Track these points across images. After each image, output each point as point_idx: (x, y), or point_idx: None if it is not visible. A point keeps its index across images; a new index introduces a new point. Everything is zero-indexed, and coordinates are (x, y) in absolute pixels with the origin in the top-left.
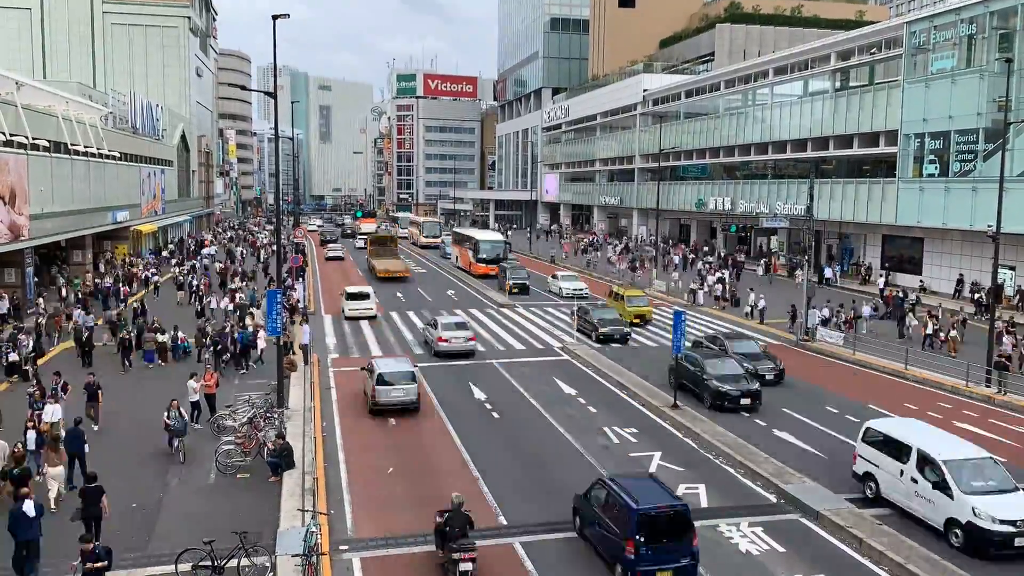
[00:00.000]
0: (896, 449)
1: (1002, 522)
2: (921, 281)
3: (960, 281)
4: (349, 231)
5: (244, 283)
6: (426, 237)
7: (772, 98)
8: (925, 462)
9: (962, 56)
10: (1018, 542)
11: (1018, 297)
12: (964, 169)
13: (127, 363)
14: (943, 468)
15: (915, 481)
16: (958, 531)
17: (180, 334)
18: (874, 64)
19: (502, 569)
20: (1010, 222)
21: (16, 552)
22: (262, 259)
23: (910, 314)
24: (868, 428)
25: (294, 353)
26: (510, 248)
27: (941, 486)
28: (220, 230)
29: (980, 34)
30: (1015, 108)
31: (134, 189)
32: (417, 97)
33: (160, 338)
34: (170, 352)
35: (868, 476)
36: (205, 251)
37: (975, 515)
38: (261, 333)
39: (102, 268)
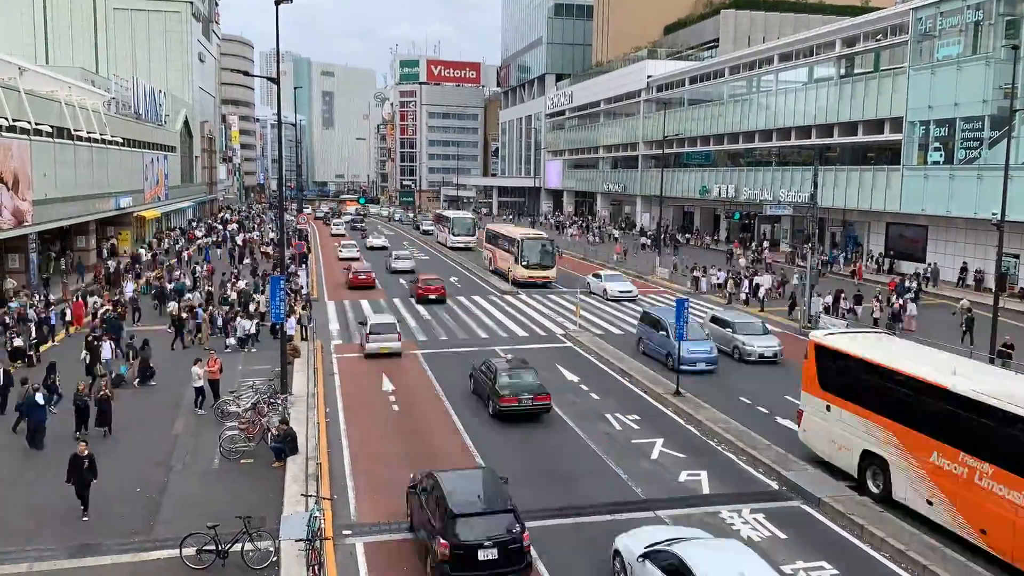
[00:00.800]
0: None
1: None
2: (919, 271)
3: (964, 269)
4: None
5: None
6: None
7: (777, 85)
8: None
9: (968, 43)
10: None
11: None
12: (969, 156)
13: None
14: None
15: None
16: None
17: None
18: (879, 51)
19: None
20: (1015, 210)
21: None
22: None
23: (912, 304)
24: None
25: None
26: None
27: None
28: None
29: (987, 20)
30: (1021, 95)
31: (137, 175)
32: (420, 83)
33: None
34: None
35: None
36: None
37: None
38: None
39: (105, 253)
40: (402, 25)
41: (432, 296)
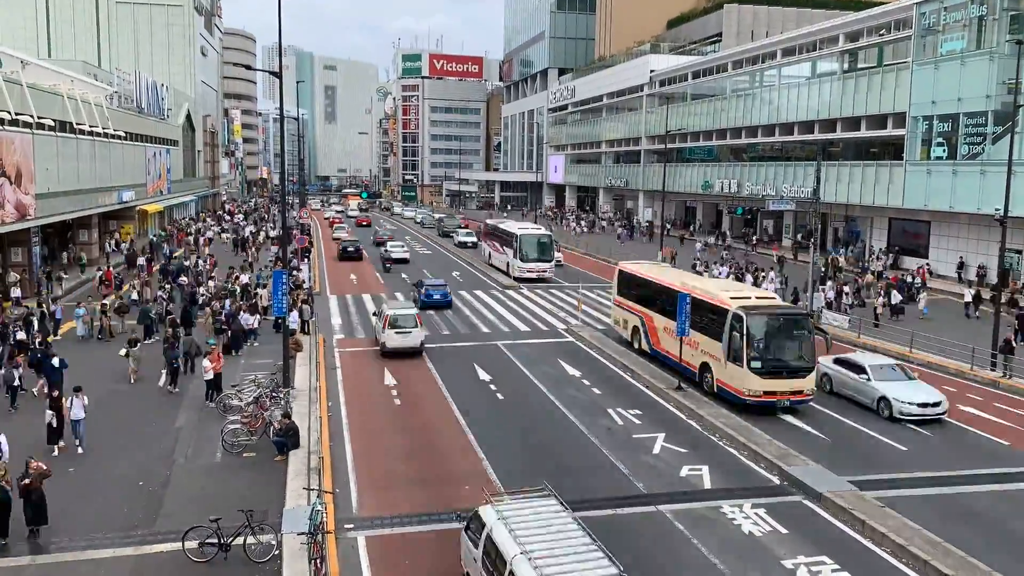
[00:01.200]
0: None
1: None
2: (923, 266)
3: (961, 265)
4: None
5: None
6: (528, 261)
7: (780, 79)
8: None
9: (972, 38)
10: None
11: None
12: (972, 152)
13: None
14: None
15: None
16: None
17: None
18: (883, 46)
19: None
20: (1018, 206)
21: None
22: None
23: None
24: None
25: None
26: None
27: None
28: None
29: (991, 15)
30: None
31: (140, 169)
32: (423, 77)
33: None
34: None
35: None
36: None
37: None
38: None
39: (108, 248)
40: (405, 19)
41: None
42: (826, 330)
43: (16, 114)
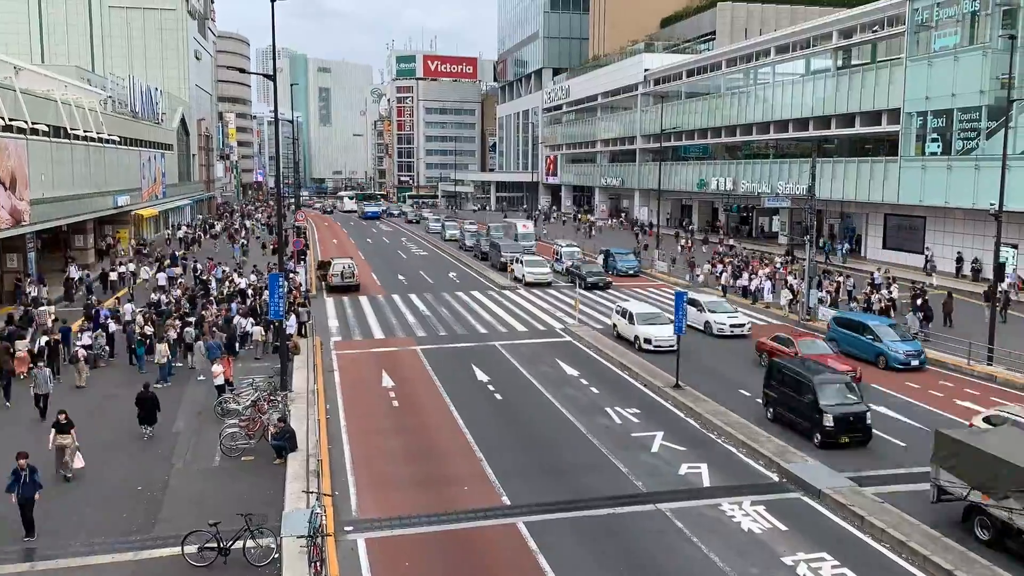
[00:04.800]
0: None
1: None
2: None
3: (960, 259)
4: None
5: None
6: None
7: (774, 77)
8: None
9: (965, 33)
10: None
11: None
12: (967, 147)
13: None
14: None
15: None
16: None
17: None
18: (876, 42)
19: (506, 549)
20: (1013, 200)
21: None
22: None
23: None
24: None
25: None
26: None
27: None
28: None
29: (983, 11)
30: (1018, 85)
31: (134, 173)
32: (417, 79)
33: None
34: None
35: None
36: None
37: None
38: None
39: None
40: (400, 18)
41: None
42: None
43: (10, 120)
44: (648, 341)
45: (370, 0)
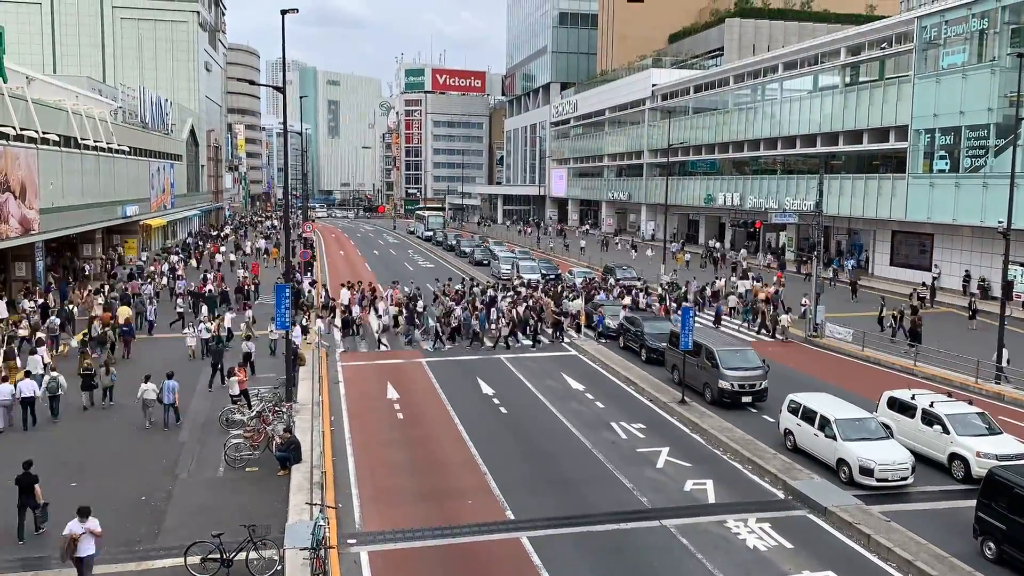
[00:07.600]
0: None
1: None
2: (927, 281)
3: (967, 277)
4: None
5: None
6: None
7: (781, 93)
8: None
9: (973, 51)
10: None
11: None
12: (975, 165)
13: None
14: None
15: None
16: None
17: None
18: (884, 59)
19: (510, 564)
20: (1021, 218)
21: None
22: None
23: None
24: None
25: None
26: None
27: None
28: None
29: (992, 29)
30: None
31: (144, 183)
32: (425, 92)
33: None
34: None
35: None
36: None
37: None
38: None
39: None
40: (409, 31)
41: None
42: None
43: (21, 129)
44: (868, 472)
45: (385, 7)
